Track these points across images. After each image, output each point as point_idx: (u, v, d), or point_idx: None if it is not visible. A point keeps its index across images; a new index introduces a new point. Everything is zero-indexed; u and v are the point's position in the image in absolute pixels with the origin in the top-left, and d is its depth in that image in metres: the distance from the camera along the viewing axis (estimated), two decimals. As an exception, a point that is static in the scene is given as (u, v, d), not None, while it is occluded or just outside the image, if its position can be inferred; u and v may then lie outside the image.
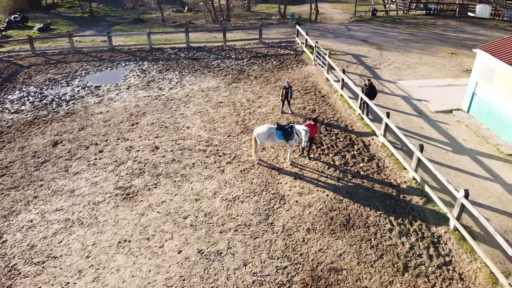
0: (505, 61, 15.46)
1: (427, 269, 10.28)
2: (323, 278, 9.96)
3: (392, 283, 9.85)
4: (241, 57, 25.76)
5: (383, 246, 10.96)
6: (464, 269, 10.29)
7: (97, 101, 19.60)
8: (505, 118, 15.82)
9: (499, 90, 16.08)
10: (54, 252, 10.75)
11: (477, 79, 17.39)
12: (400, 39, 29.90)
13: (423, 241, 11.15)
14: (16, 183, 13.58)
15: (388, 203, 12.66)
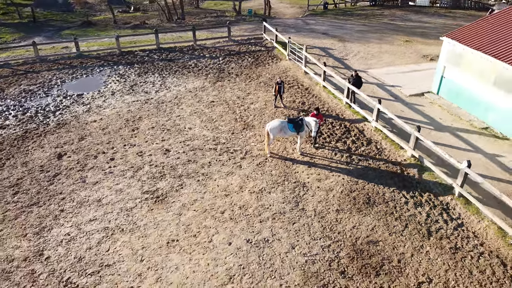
0: (472, 46, 17.68)
1: (446, 231, 11.92)
2: (365, 250, 11.21)
3: (422, 247, 11.34)
4: (215, 55, 26.27)
5: (404, 217, 12.45)
6: (475, 228, 12.07)
7: (85, 109, 19.25)
8: (474, 97, 18.11)
9: (467, 72, 18.33)
10: (105, 260, 10.94)
11: (444, 63, 19.58)
12: (357, 30, 32.04)
13: (435, 209, 12.80)
14: (34, 199, 13.31)
15: (396, 180, 14.22)
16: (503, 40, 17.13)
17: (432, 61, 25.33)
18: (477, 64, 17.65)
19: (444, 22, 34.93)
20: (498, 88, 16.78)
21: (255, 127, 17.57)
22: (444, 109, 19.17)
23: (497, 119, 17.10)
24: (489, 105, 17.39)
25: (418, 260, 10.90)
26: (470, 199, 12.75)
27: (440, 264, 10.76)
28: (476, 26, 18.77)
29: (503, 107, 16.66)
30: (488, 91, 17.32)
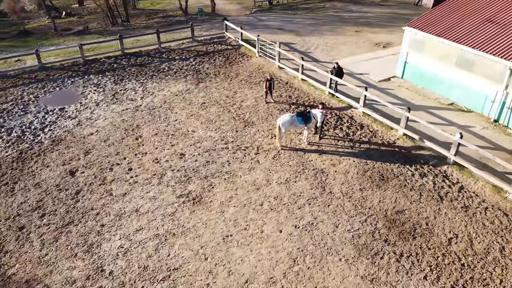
0: (432, 33, 20.22)
1: (453, 194, 14.06)
2: (397, 219, 12.92)
3: (440, 210, 13.33)
4: (185, 57, 26.52)
5: (416, 187, 14.39)
6: (473, 188, 14.38)
7: (75, 123, 18.74)
8: (438, 77, 20.77)
9: (430, 57, 20.91)
10: (171, 264, 11.39)
11: (407, 50, 22.05)
12: (309, 24, 34.01)
13: (438, 177, 14.93)
14: (67, 218, 13.12)
15: (397, 156, 16.18)
16: (459, 25, 19.86)
17: (385, 48, 28.03)
18: (439, 49, 20.24)
19: (381, 11, 38.25)
20: (460, 68, 19.49)
21: (255, 123, 18.51)
22: (412, 91, 21.65)
23: (460, 95, 19.86)
24: (452, 84, 20.10)
25: (441, 221, 12.84)
26: (465, 165, 15.05)
27: (459, 222, 12.80)
28: (433, 14, 21.39)
29: (466, 84, 19.42)
30: (450, 71, 20.00)
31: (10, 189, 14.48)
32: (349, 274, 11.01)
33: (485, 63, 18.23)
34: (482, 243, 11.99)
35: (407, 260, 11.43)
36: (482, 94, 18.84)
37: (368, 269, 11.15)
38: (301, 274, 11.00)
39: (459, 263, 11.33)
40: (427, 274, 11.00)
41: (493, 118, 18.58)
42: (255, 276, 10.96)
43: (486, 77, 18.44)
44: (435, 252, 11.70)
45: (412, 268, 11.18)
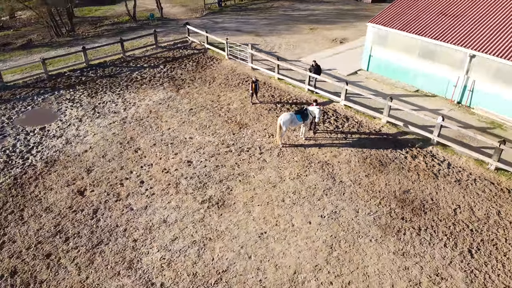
0: (395, 28, 22.20)
1: (444, 170, 15.92)
2: (405, 199, 14.43)
3: (438, 185, 15.07)
4: (154, 64, 26.29)
5: (412, 167, 16.07)
6: (459, 163, 16.37)
7: (63, 142, 18.07)
8: (400, 68, 22.86)
9: (393, 49, 22.92)
10: (218, 267, 11.82)
11: (371, 44, 23.94)
12: (264, 24, 35.08)
13: (426, 157, 16.76)
14: (95, 239, 12.93)
15: (387, 142, 17.81)
16: (418, 19, 22.02)
17: (342, 44, 29.93)
18: (402, 42, 22.30)
19: (327, 8, 40.41)
20: (423, 58, 21.67)
21: (248, 124, 19.17)
22: (379, 82, 23.59)
23: (424, 82, 22.09)
24: (416, 72, 22.27)
25: (442, 195, 14.56)
26: (447, 144, 17.01)
27: (457, 194, 14.61)
28: (392, 11, 23.40)
29: (429, 72, 21.66)
30: (414, 62, 22.14)
31: (18, 217, 13.81)
32: (382, 252, 12.22)
33: (446, 52, 20.50)
34: (481, 210, 13.84)
35: (425, 233, 12.91)
36: (445, 80, 21.14)
37: (396, 245, 12.45)
38: (341, 258, 12.00)
39: (468, 229, 13.03)
40: (446, 242, 12.55)
41: (456, 100, 20.97)
42: (301, 267, 11.76)
43: (447, 65, 20.73)
44: (446, 222, 13.32)
45: (432, 239, 12.67)
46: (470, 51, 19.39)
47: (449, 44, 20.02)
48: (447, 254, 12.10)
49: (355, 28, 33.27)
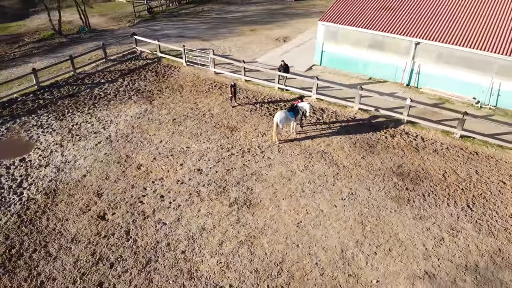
0: (344, 24, 24.61)
1: (421, 144, 18.59)
2: (402, 172, 16.67)
3: (422, 157, 17.60)
4: (111, 79, 25.56)
5: (396, 145, 18.46)
6: (430, 136, 19.19)
7: (54, 170, 17.17)
8: (352, 60, 25.43)
9: (344, 43, 25.38)
10: (274, 260, 12.76)
11: (323, 40, 26.17)
12: (205, 28, 35.66)
13: (403, 135, 19.33)
14: (142, 259, 12.94)
15: (365, 127, 20.06)
16: (364, 15, 24.65)
17: (286, 42, 31.90)
18: (351, 36, 24.83)
19: (256, 8, 42.17)
20: (372, 49, 24.42)
21: (237, 127, 20.02)
22: (335, 74, 25.94)
23: (375, 70, 24.92)
24: (367, 62, 25.00)
25: (429, 165, 17.11)
26: (415, 121, 19.76)
27: (439, 162, 17.28)
28: (338, 8, 25.74)
29: (379, 61, 24.49)
30: (364, 53, 24.82)
31: (46, 254, 13.16)
32: (404, 219, 14.22)
33: (393, 41, 23.43)
34: (463, 171, 16.63)
35: (429, 197, 15.23)
36: (394, 66, 24.13)
37: (412, 211, 14.55)
38: (374, 231, 13.72)
39: (459, 189, 15.66)
40: (448, 202, 14.99)
41: (405, 83, 24.10)
42: (344, 245, 13.21)
43: (395, 53, 23.71)
44: (441, 186, 15.81)
45: (436, 201, 15.02)
46: (415, 39, 22.46)
47: (396, 34, 22.91)
48: (453, 211, 14.50)
49: (292, 27, 35.51)
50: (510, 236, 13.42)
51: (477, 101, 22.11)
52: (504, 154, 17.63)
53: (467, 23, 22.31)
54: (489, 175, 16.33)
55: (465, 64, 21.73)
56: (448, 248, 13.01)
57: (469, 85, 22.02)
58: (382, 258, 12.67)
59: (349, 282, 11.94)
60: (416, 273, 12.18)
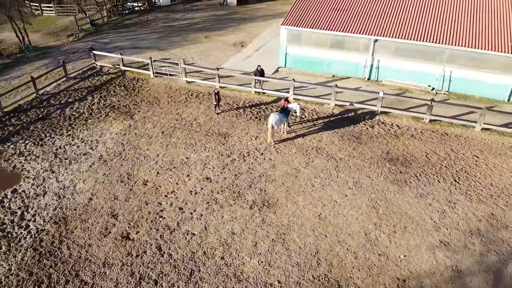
0: (307, 27, 26.23)
1: (398, 131, 20.68)
2: (392, 158, 18.52)
3: (404, 143, 19.63)
4: (79, 97, 24.64)
5: (377, 134, 20.36)
6: (403, 123, 21.37)
7: (54, 197, 16.44)
8: (316, 60, 27.13)
9: (307, 45, 26.99)
10: (310, 251, 13.77)
11: (286, 44, 27.57)
12: (158, 38, 35.36)
13: (380, 125, 21.32)
14: (184, 271, 13.10)
15: (346, 120, 21.75)
16: (322, 17, 26.38)
17: (244, 47, 32.89)
18: (314, 38, 26.50)
19: (203, 15, 42.58)
20: (334, 49, 26.30)
21: (229, 133, 20.61)
22: (301, 75, 27.47)
23: (338, 68, 26.86)
24: (330, 61, 26.86)
25: (412, 149, 19.17)
26: (388, 111, 21.88)
27: (418, 145, 19.44)
28: (297, 12, 27.16)
29: (340, 59, 26.45)
30: (326, 52, 26.64)
31: (81, 283, 12.82)
32: (407, 199, 15.97)
33: (353, 40, 25.48)
34: (441, 151, 18.92)
35: (422, 177, 17.20)
36: (355, 63, 26.23)
37: (412, 191, 16.36)
38: (387, 213, 15.27)
39: (443, 167, 17.84)
40: (438, 179, 17.05)
41: (367, 77, 26.32)
42: (365, 228, 14.57)
43: (356, 50, 25.79)
44: (428, 166, 17.89)
45: (428, 180, 17.02)
46: (374, 37, 24.69)
47: (357, 34, 24.97)
48: (445, 187, 16.57)
49: (244, 32, 36.56)
50: (496, 201, 15.73)
51: (432, 88, 24.89)
52: (469, 132, 20.29)
53: (418, 19, 25.00)
54: (463, 152, 18.76)
55: (419, 56, 24.35)
56: (451, 218, 14.93)
57: (424, 75, 24.71)
58: (401, 235, 14.20)
59: (381, 261, 13.27)
60: (433, 243, 13.87)
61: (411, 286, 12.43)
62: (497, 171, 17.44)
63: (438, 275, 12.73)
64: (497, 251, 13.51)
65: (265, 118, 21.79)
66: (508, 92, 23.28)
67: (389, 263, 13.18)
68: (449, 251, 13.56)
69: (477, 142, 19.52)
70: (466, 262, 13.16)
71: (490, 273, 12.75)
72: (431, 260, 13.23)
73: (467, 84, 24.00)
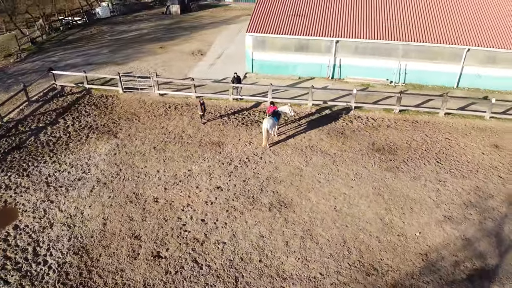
0: (271, 33, 27.36)
1: (374, 123, 22.66)
2: (378, 148, 20.29)
3: (383, 133, 21.59)
4: (50, 121, 23.31)
5: (358, 128, 22.13)
6: (377, 115, 23.40)
7: (63, 228, 15.72)
8: (281, 64, 28.41)
9: (272, 50, 28.14)
10: (339, 241, 14.88)
11: (252, 50, 28.50)
12: (110, 51, 34.28)
13: (357, 119, 23.14)
14: (228, 279, 13.41)
15: (326, 118, 23.26)
16: (285, 22, 27.66)
17: (204, 55, 33.23)
18: (278, 43, 27.73)
19: (149, 25, 41.88)
20: (299, 52, 27.76)
21: (222, 141, 21.02)
22: (269, 79, 28.53)
23: (303, 70, 28.37)
24: (295, 64, 28.28)
25: (392, 138, 21.14)
26: (360, 105, 23.80)
27: (397, 134, 21.50)
28: (259, 19, 28.14)
29: (305, 61, 28.00)
30: (292, 56, 28.02)
31: (127, 307, 12.72)
32: (404, 183, 17.75)
33: (316, 43, 27.14)
34: (418, 137, 21.12)
35: (410, 162, 19.16)
36: (318, 64, 27.94)
37: (405, 176, 18.20)
38: (391, 198, 16.89)
39: (424, 151, 20.00)
40: (423, 162, 19.13)
41: (330, 76, 28.18)
42: (379, 214, 16.02)
43: (319, 52, 27.50)
44: (411, 152, 19.93)
45: (416, 164, 19.02)
46: (336, 39, 26.55)
47: (320, 37, 26.66)
48: (431, 168, 18.66)
49: (197, 40, 36.82)
50: (476, 175, 18.11)
51: (390, 81, 27.38)
52: (435, 118, 22.84)
53: (374, 20, 27.31)
54: (436, 136, 21.14)
55: (377, 53, 26.67)
56: (446, 195, 16.95)
57: (383, 69, 27.11)
58: (410, 216, 15.87)
59: (401, 240, 14.77)
60: (439, 219, 15.71)
61: (433, 258, 14.03)
62: (469, 150, 19.96)
63: (452, 245, 14.51)
64: (491, 218, 15.68)
65: (251, 123, 22.52)
66: (456, 79, 26.43)
67: (409, 241, 14.70)
68: (454, 223, 15.46)
69: (444, 126, 22.06)
70: (470, 231, 15.12)
71: (492, 237, 14.81)
72: (442, 234, 15.00)
73: (421, 75, 26.78)
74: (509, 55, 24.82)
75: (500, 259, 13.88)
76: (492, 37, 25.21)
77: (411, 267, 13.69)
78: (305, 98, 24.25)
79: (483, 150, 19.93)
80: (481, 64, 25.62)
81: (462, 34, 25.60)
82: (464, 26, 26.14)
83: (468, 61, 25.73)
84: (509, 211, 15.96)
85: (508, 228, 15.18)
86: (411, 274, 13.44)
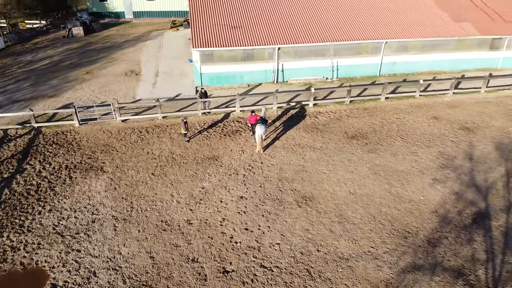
0: (217, 46, 28.57)
1: (335, 115, 25.82)
2: (352, 136, 23.40)
3: (348, 122, 24.85)
4: (15, 169, 20.93)
5: (325, 122, 24.98)
6: (334, 109, 26.60)
7: (109, 272, 15.02)
8: (229, 74, 29.79)
9: (219, 62, 29.34)
10: (368, 221, 17.39)
11: (200, 64, 29.31)
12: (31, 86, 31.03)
13: (320, 115, 26.00)
14: (311, 272, 14.99)
15: (294, 118, 25.55)
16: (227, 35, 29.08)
17: (139, 75, 32.63)
18: (225, 55, 29.06)
19: (58, 51, 38.69)
20: (245, 61, 29.53)
21: (217, 155, 21.70)
22: (220, 89, 29.70)
23: (250, 77, 30.20)
24: (242, 73, 29.95)
25: (357, 125, 24.50)
26: (316, 103, 26.80)
27: (359, 122, 24.96)
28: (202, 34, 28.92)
29: (251, 69, 29.92)
30: (238, 66, 29.67)
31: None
32: (389, 160, 21.06)
33: (260, 51, 29.25)
34: (375, 121, 24.85)
35: (382, 142, 22.66)
36: (263, 70, 30.14)
37: (385, 154, 21.56)
38: (387, 175, 20.02)
39: (387, 130, 23.75)
40: (392, 140, 22.82)
41: (275, 80, 30.66)
42: (385, 190, 18.92)
43: (263, 59, 29.68)
44: (379, 134, 23.51)
45: (389, 143, 22.60)
46: (277, 46, 29.06)
47: (263, 45, 28.84)
48: (400, 144, 22.42)
49: (122, 60, 35.74)
50: (435, 142, 22.39)
51: (327, 78, 31.00)
52: (379, 103, 26.99)
53: (308, 26, 30.47)
54: (388, 117, 25.17)
55: (313, 55, 29.99)
56: (423, 163, 20.74)
57: (319, 69, 30.58)
58: (409, 184, 19.16)
59: (413, 206, 17.89)
60: (430, 182, 19.30)
61: (441, 212, 17.43)
62: (418, 124, 24.35)
63: (449, 200, 18.14)
64: (464, 173, 19.86)
65: (233, 133, 23.60)
66: (378, 68, 31.24)
67: (419, 205, 17.89)
68: (441, 183, 19.20)
69: (390, 109, 26.28)
70: (456, 186, 19.01)
71: (472, 187, 18.90)
72: (438, 193, 18.57)
73: (350, 69, 30.96)
74: (417, 43, 30.43)
75: (486, 202, 17.92)
76: (403, 30, 30.54)
77: (431, 224, 16.81)
78: (267, 102, 26.07)
79: (428, 122, 24.52)
80: (396, 52, 30.80)
81: (380, 30, 30.42)
82: (382, 24, 31.05)
83: (386, 52, 30.66)
84: (472, 165, 20.37)
85: (480, 178, 19.46)
86: (435, 229, 16.54)
